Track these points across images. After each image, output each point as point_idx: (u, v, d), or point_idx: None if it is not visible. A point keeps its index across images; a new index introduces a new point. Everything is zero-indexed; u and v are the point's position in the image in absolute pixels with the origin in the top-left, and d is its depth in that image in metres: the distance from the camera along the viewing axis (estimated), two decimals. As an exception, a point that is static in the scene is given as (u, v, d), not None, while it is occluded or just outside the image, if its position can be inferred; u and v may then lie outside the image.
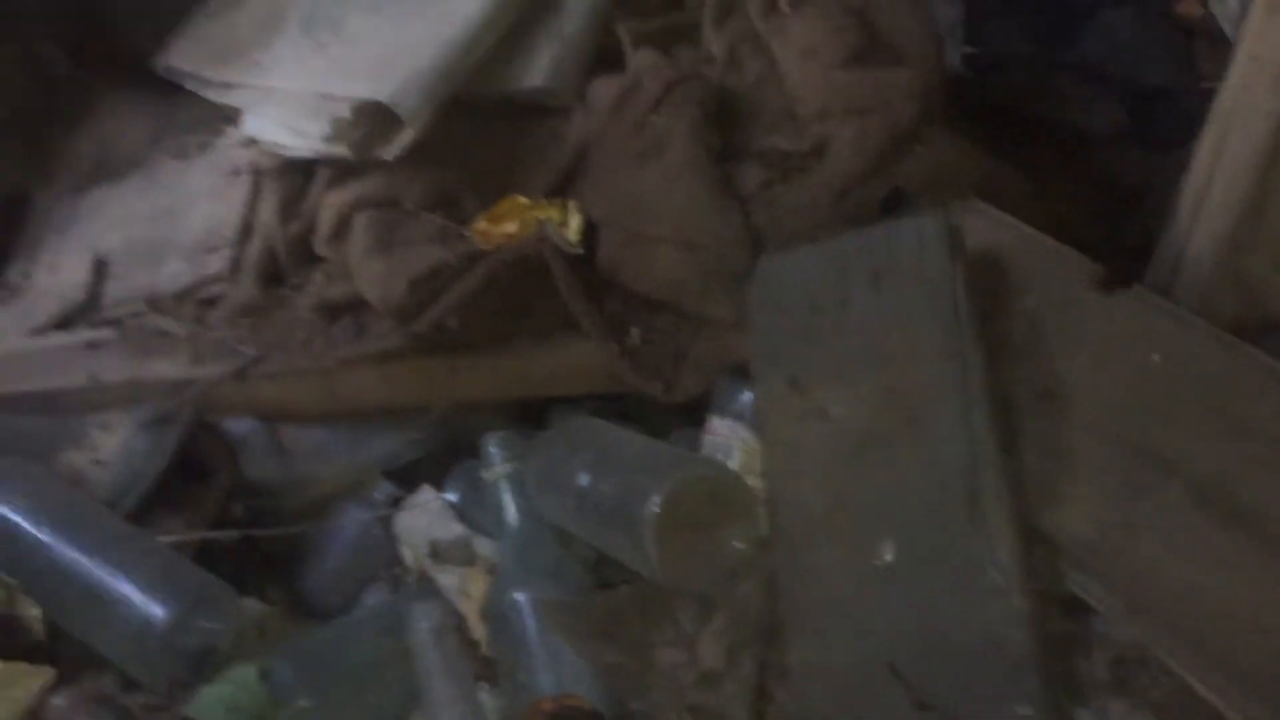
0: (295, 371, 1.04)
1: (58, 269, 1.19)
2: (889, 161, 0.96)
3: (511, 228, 1.03)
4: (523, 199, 1.05)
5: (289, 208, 1.09)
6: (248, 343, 1.06)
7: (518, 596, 0.89)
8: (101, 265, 1.16)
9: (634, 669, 0.84)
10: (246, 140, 1.15)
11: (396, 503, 1.05)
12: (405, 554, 1.02)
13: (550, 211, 1.03)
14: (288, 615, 1.00)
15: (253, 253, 1.09)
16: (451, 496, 1.05)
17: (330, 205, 1.06)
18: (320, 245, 1.08)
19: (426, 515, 1.03)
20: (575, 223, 1.02)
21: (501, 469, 0.98)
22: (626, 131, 1.04)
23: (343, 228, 1.05)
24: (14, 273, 1.22)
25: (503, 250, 1.00)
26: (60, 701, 0.85)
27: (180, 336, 1.08)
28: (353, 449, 1.07)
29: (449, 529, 1.01)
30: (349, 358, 1.01)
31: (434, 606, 0.94)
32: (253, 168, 1.14)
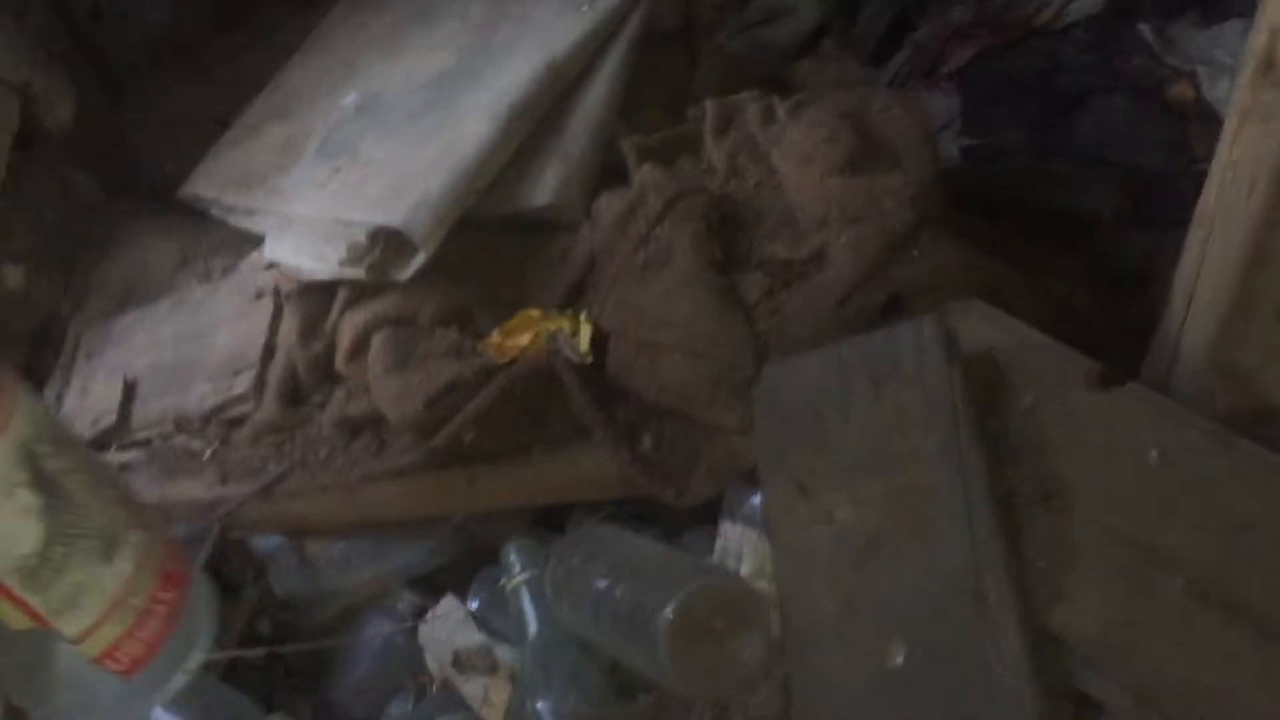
0: (318, 488, 1.07)
1: (89, 392, 1.23)
2: (886, 267, 0.99)
3: (524, 340, 1.06)
4: (535, 312, 1.08)
5: (310, 328, 1.13)
6: (272, 461, 1.09)
7: (539, 705, 0.91)
8: (131, 388, 1.20)
9: (655, 777, 0.85)
10: (268, 264, 1.19)
11: (420, 613, 1.07)
12: (429, 664, 1.04)
13: (561, 323, 1.07)
14: (316, 729, 1.02)
15: (276, 373, 1.13)
16: (473, 604, 1.07)
17: (349, 325, 1.10)
18: (340, 364, 1.11)
19: (449, 625, 1.05)
20: (585, 334, 1.06)
21: (520, 577, 1.00)
22: (632, 245, 1.07)
23: (361, 346, 1.09)
24: (47, 395, 1.26)
25: (516, 364, 1.03)
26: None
27: (207, 456, 1.11)
28: (376, 560, 1.10)
29: (471, 637, 1.03)
30: (370, 474, 1.04)
31: (458, 717, 0.96)
32: (275, 291, 1.18)
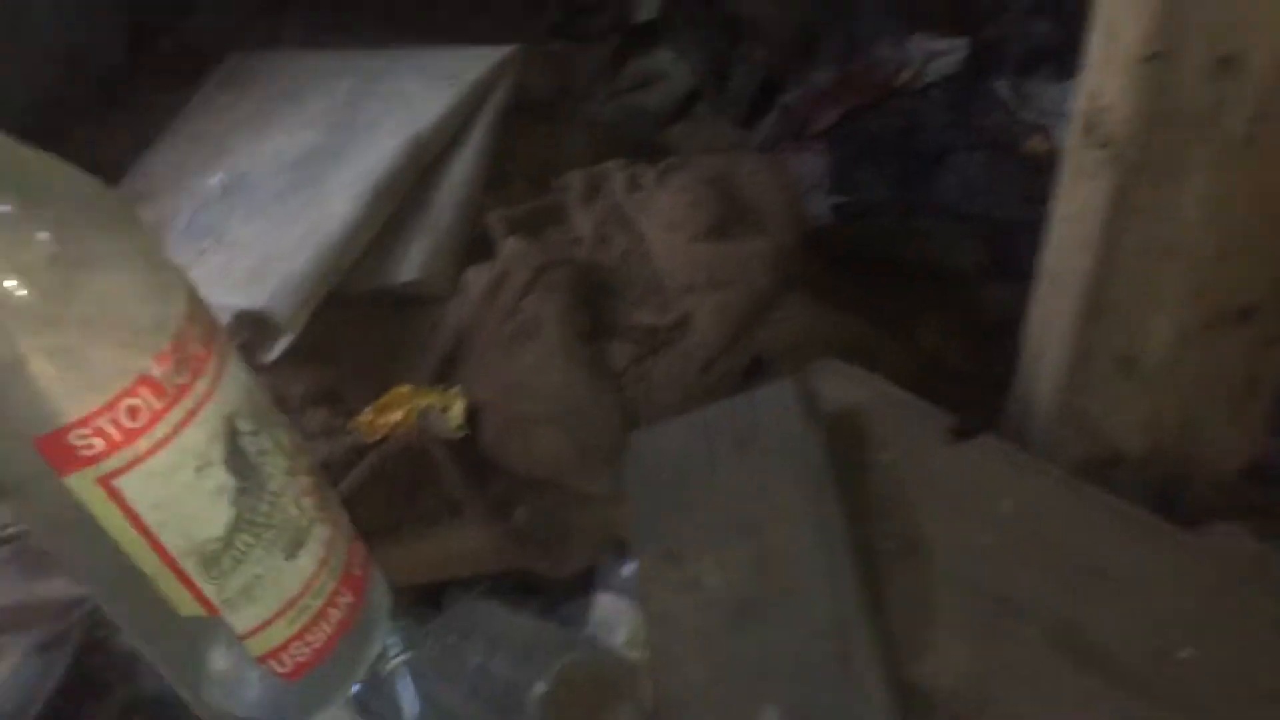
0: (187, 577, 1.05)
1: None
2: (749, 331, 1.01)
3: (396, 417, 1.06)
4: (406, 388, 1.08)
5: (176, 415, 1.11)
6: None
7: (420, 789, 0.90)
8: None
9: None
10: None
11: (298, 701, 1.05)
12: (309, 752, 1.02)
13: (433, 399, 1.06)
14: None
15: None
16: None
17: (216, 410, 1.09)
18: (208, 450, 1.09)
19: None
20: (457, 408, 1.06)
21: (398, 658, 0.99)
22: (500, 317, 1.08)
23: (229, 431, 1.07)
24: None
25: (385, 442, 1.03)
26: None
27: (71, 552, 1.08)
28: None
29: (351, 723, 1.01)
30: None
31: (337, 806, 0.94)
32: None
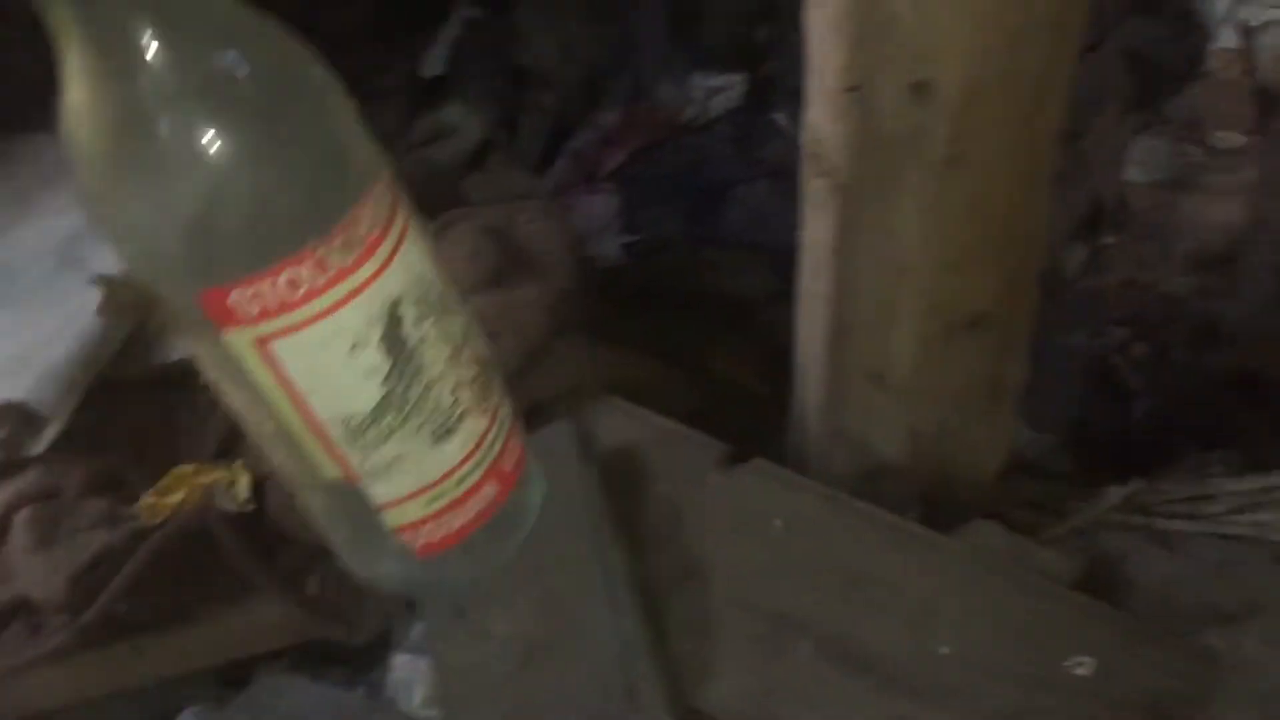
0: (-34, 686, 1.00)
1: None
2: (524, 378, 1.02)
3: (179, 498, 1.03)
4: (188, 467, 1.06)
5: (-57, 516, 1.07)
6: (-87, 665, 1.02)
7: None
8: None
9: None
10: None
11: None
12: None
13: (217, 475, 1.04)
14: None
15: (-88, 569, 1.06)
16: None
17: (-12, 508, 1.05)
18: (-18, 551, 1.05)
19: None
20: (244, 482, 1.04)
21: (198, 745, 0.97)
22: (278, 386, 1.06)
23: (3, 529, 1.04)
24: None
25: (166, 524, 1.00)
26: None
27: None
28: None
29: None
30: (19, 665, 0.99)
31: None
32: (-97, 481, 1.11)
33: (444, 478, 0.69)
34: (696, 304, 1.48)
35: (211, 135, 0.50)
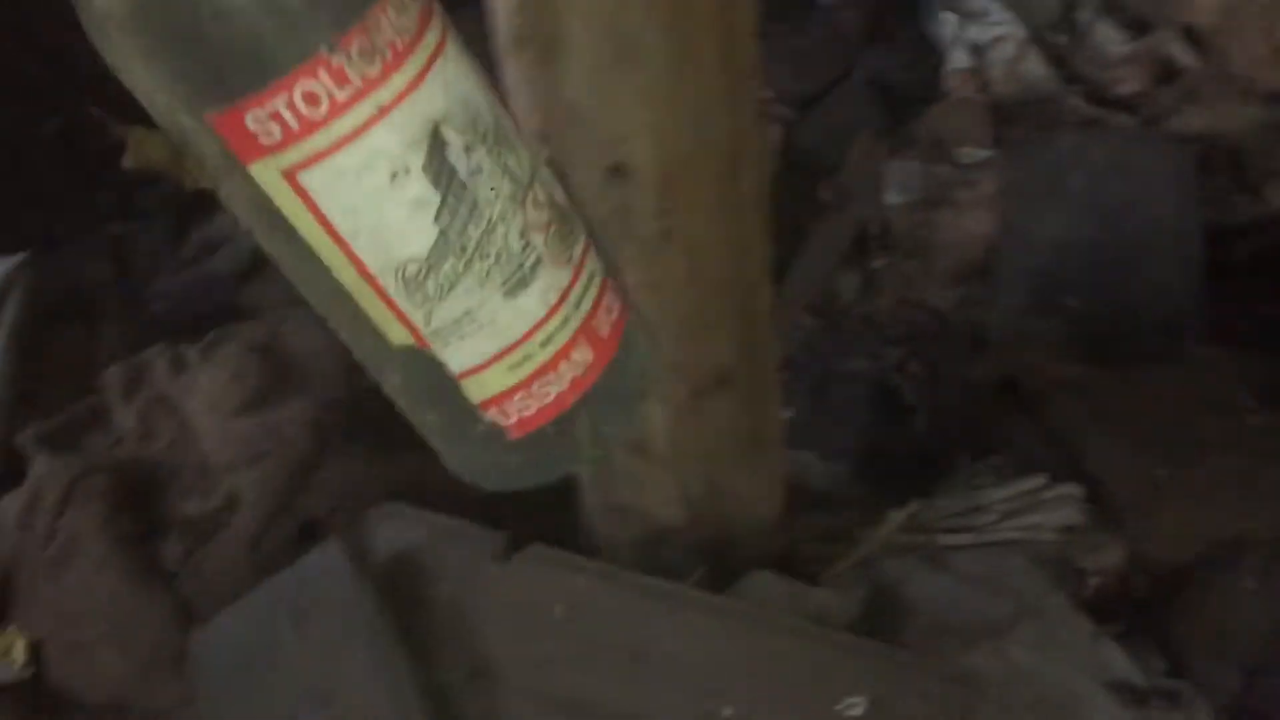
0: None
1: None
2: (293, 498, 1.00)
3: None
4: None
5: None
6: None
7: None
8: None
9: None
10: None
11: None
12: None
13: (-14, 644, 1.00)
14: None
15: None
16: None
17: None
18: None
19: None
20: (18, 648, 0.99)
21: None
22: (39, 543, 1.02)
23: None
24: None
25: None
26: None
27: None
28: None
29: None
30: None
31: None
32: None
33: (526, 337, 0.61)
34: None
35: None
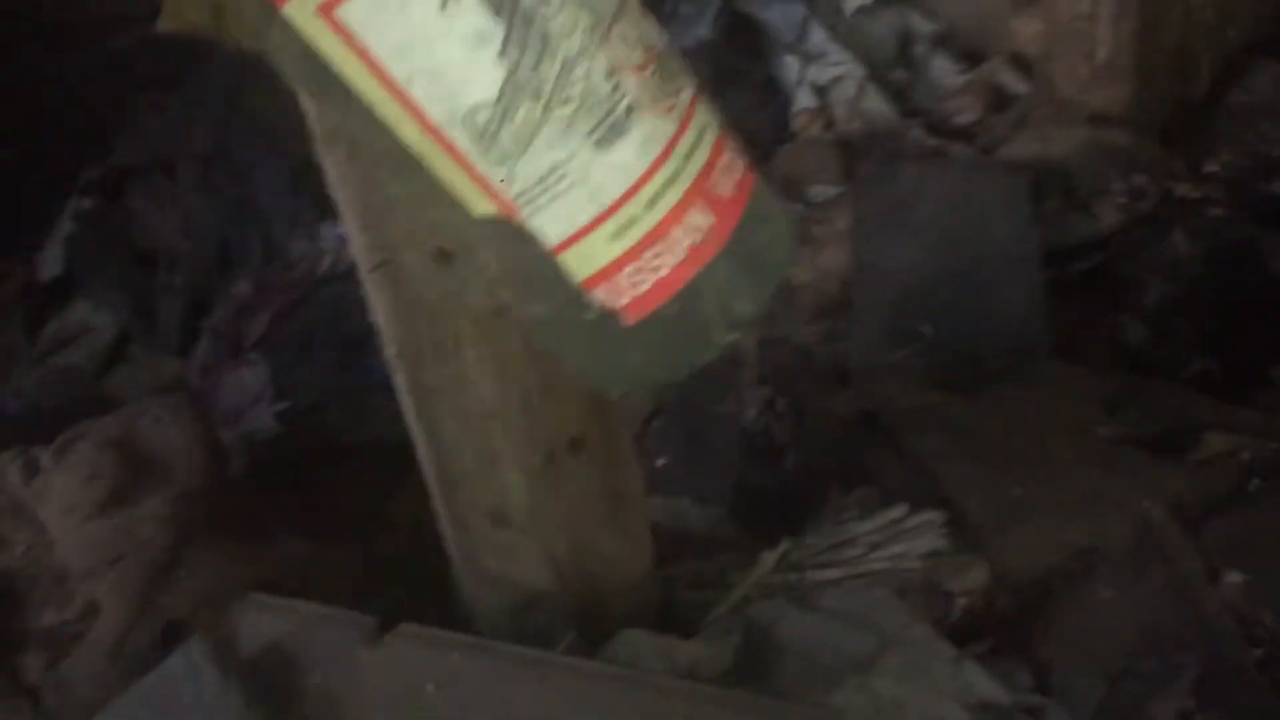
0: None
1: None
2: (153, 598, 0.98)
3: None
4: None
5: None
6: None
7: None
8: None
9: None
10: None
11: None
12: None
13: None
14: None
15: None
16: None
17: None
18: None
19: None
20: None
21: None
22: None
23: None
24: None
25: None
26: None
27: None
28: None
29: None
30: None
31: None
32: None
33: (626, 196, 0.54)
34: (363, 458, 1.47)
35: None
